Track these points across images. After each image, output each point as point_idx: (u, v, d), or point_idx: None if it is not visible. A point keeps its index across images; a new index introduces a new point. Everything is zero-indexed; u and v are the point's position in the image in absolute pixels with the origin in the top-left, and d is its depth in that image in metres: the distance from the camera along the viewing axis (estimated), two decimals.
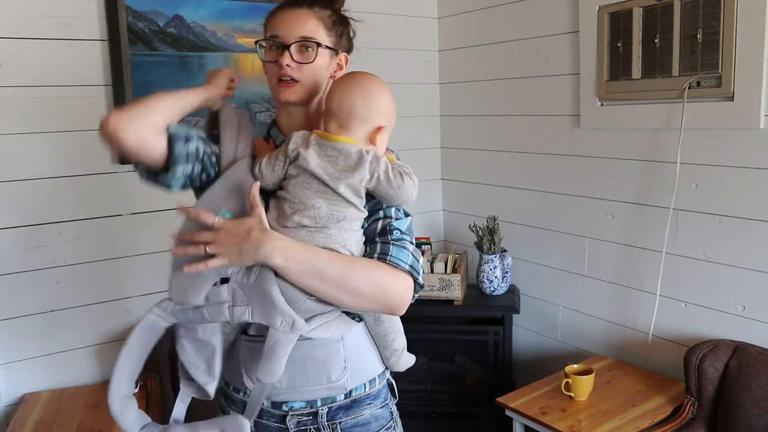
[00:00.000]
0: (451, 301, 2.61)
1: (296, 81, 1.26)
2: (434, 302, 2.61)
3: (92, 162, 2.27)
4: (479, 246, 2.66)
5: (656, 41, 2.14)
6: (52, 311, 2.25)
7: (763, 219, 1.99)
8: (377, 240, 1.25)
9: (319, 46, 1.27)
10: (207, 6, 2.41)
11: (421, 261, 1.27)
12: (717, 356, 2.00)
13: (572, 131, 2.52)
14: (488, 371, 2.65)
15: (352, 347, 1.28)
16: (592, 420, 2.01)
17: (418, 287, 1.26)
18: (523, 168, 2.75)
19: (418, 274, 1.25)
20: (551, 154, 2.62)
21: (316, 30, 1.27)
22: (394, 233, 1.25)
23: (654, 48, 2.16)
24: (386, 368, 1.39)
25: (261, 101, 2.50)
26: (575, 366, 2.18)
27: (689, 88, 2.07)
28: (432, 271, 2.63)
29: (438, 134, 3.15)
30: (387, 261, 1.21)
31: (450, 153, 3.13)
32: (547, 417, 2.04)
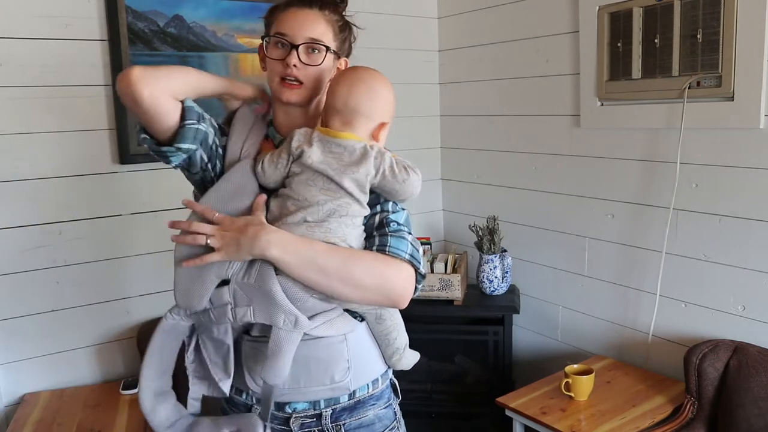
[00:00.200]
0: (451, 301, 2.61)
1: (300, 82, 1.25)
2: (434, 302, 2.61)
3: (92, 162, 2.27)
4: (479, 246, 2.66)
5: (656, 41, 2.14)
6: (52, 311, 2.25)
7: (763, 219, 1.99)
8: (375, 234, 1.24)
9: (328, 50, 1.27)
10: (207, 6, 2.41)
11: (421, 251, 1.26)
12: (717, 356, 2.00)
13: (572, 131, 2.52)
14: (488, 371, 2.65)
15: (356, 347, 1.28)
16: (592, 420, 2.01)
17: (420, 277, 1.24)
18: (523, 168, 2.75)
19: (419, 263, 1.24)
20: (551, 154, 2.62)
21: (325, 33, 1.27)
22: (392, 225, 1.24)
23: (654, 48, 2.16)
24: (389, 368, 1.38)
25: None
26: (575, 366, 2.18)
27: (689, 88, 2.07)
28: (432, 271, 2.63)
29: (438, 134, 3.15)
30: (386, 252, 1.20)
31: (450, 153, 3.13)
32: (547, 417, 2.04)
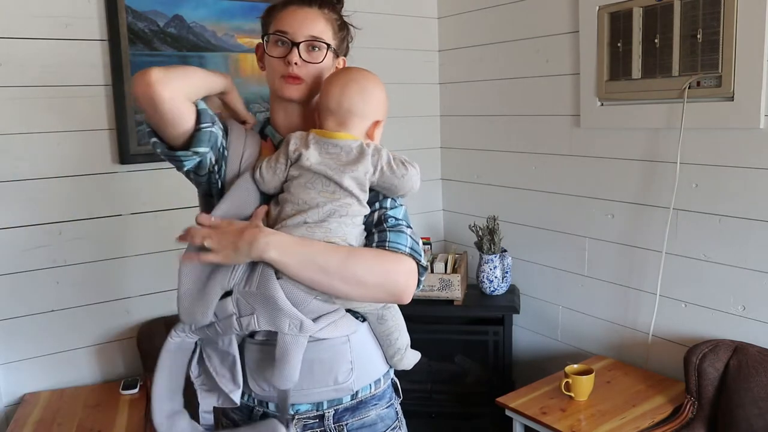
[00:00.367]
0: (451, 301, 2.61)
1: (301, 79, 1.26)
2: (434, 302, 2.61)
3: (92, 162, 2.27)
4: (479, 246, 2.66)
5: (656, 41, 2.14)
6: (52, 311, 2.25)
7: (763, 219, 1.99)
8: (374, 230, 1.24)
9: (328, 48, 1.28)
10: (207, 6, 2.41)
11: (421, 243, 1.27)
12: (717, 356, 2.00)
13: (572, 131, 2.52)
14: (488, 371, 2.65)
15: (358, 348, 1.28)
16: (592, 420, 2.01)
17: (422, 270, 1.24)
18: (523, 168, 2.75)
19: (420, 256, 1.23)
20: (551, 154, 2.62)
21: (326, 31, 1.28)
22: (390, 221, 1.25)
23: (654, 48, 2.16)
24: (390, 368, 1.39)
25: (261, 101, 2.50)
26: (575, 366, 2.18)
27: (689, 88, 2.07)
28: (432, 271, 2.63)
29: (438, 134, 3.15)
30: (386, 247, 1.20)
31: (450, 153, 3.13)
32: (547, 417, 2.04)
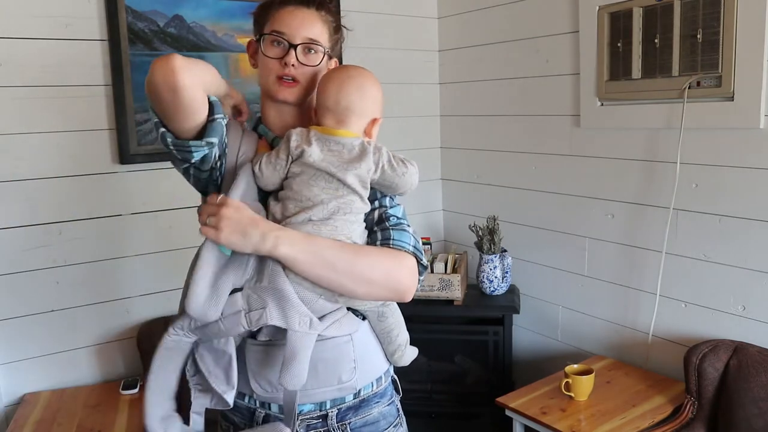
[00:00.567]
0: (451, 301, 2.61)
1: (297, 81, 1.26)
2: (434, 302, 2.61)
3: (92, 162, 2.27)
4: (479, 246, 2.66)
5: (656, 41, 2.14)
6: (52, 311, 2.25)
7: (763, 219, 1.99)
8: (376, 229, 1.25)
9: (325, 52, 1.28)
10: (207, 6, 2.41)
11: (421, 243, 1.28)
12: (717, 356, 2.00)
13: (572, 131, 2.52)
14: (488, 371, 2.65)
15: (361, 347, 1.28)
16: (592, 420, 2.01)
17: (422, 268, 1.25)
18: (523, 168, 2.75)
19: (422, 255, 1.25)
20: (551, 154, 2.62)
21: (322, 34, 1.28)
22: (391, 219, 1.26)
23: (654, 48, 2.16)
24: (391, 365, 1.39)
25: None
26: (575, 366, 2.18)
27: (689, 88, 2.07)
28: (432, 271, 2.63)
29: (438, 134, 3.15)
30: (391, 245, 1.22)
31: (450, 153, 3.13)
32: (547, 417, 2.04)
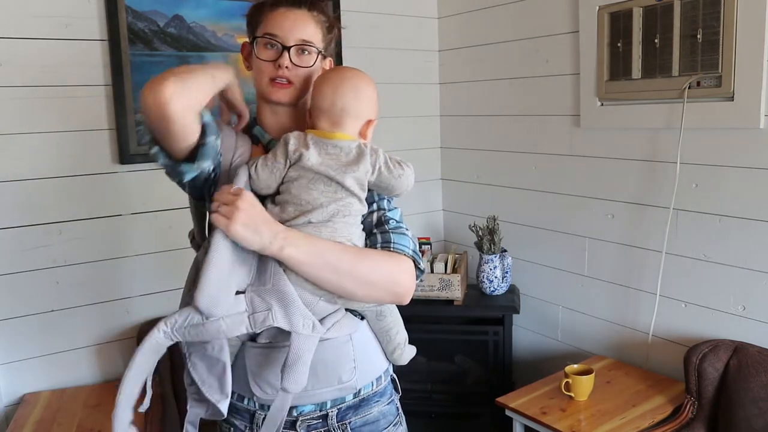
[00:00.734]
0: (451, 301, 2.61)
1: (291, 83, 1.26)
2: (434, 302, 2.61)
3: (92, 162, 2.27)
4: (479, 246, 2.66)
5: (656, 41, 2.14)
6: (52, 311, 2.25)
7: (763, 219, 1.99)
8: (375, 231, 1.26)
9: (319, 53, 1.28)
10: (207, 6, 2.41)
11: (418, 246, 1.29)
12: (717, 356, 2.00)
13: (572, 131, 2.52)
14: (488, 371, 2.65)
15: (360, 347, 1.29)
16: (592, 420, 2.01)
17: (419, 272, 1.27)
18: (523, 168, 2.75)
19: (420, 259, 1.27)
20: (551, 154, 2.62)
21: (316, 35, 1.27)
22: (390, 222, 1.27)
23: (654, 48, 2.16)
24: (390, 364, 1.40)
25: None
26: (575, 366, 2.18)
27: (689, 88, 2.07)
28: (432, 271, 2.63)
29: (438, 134, 3.15)
30: (391, 248, 1.23)
31: (450, 153, 3.13)
32: (547, 417, 2.04)
